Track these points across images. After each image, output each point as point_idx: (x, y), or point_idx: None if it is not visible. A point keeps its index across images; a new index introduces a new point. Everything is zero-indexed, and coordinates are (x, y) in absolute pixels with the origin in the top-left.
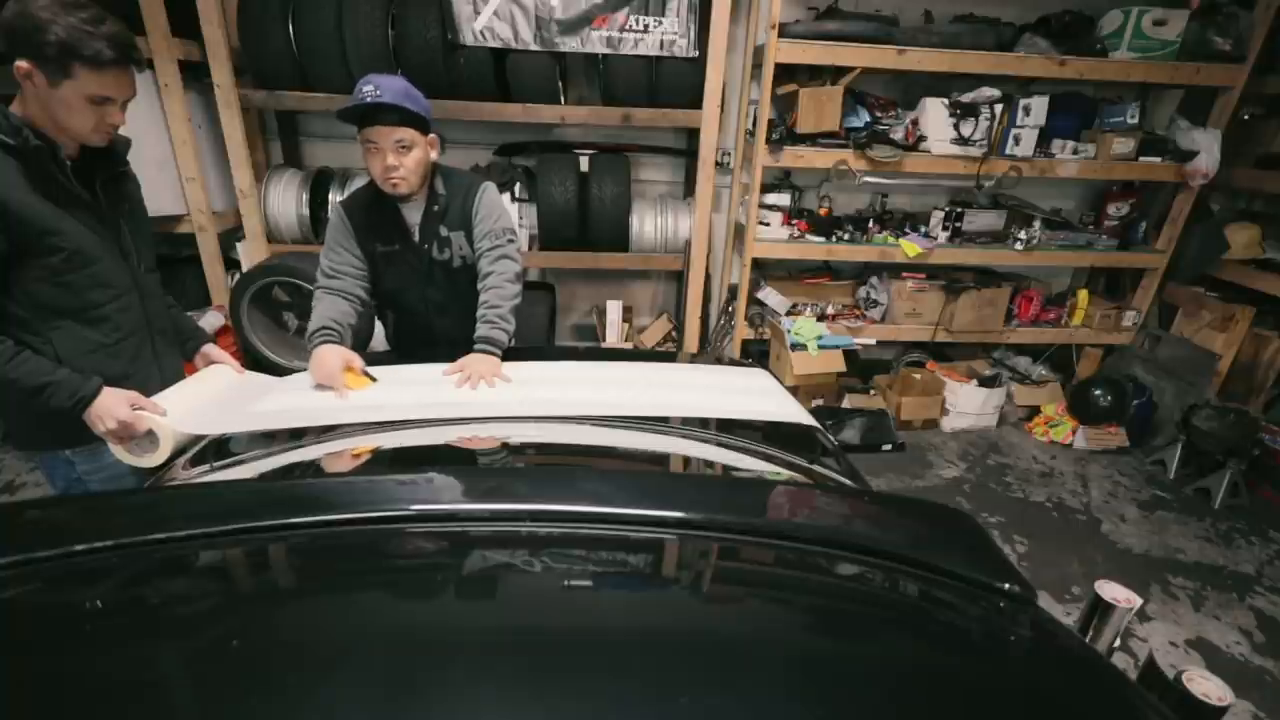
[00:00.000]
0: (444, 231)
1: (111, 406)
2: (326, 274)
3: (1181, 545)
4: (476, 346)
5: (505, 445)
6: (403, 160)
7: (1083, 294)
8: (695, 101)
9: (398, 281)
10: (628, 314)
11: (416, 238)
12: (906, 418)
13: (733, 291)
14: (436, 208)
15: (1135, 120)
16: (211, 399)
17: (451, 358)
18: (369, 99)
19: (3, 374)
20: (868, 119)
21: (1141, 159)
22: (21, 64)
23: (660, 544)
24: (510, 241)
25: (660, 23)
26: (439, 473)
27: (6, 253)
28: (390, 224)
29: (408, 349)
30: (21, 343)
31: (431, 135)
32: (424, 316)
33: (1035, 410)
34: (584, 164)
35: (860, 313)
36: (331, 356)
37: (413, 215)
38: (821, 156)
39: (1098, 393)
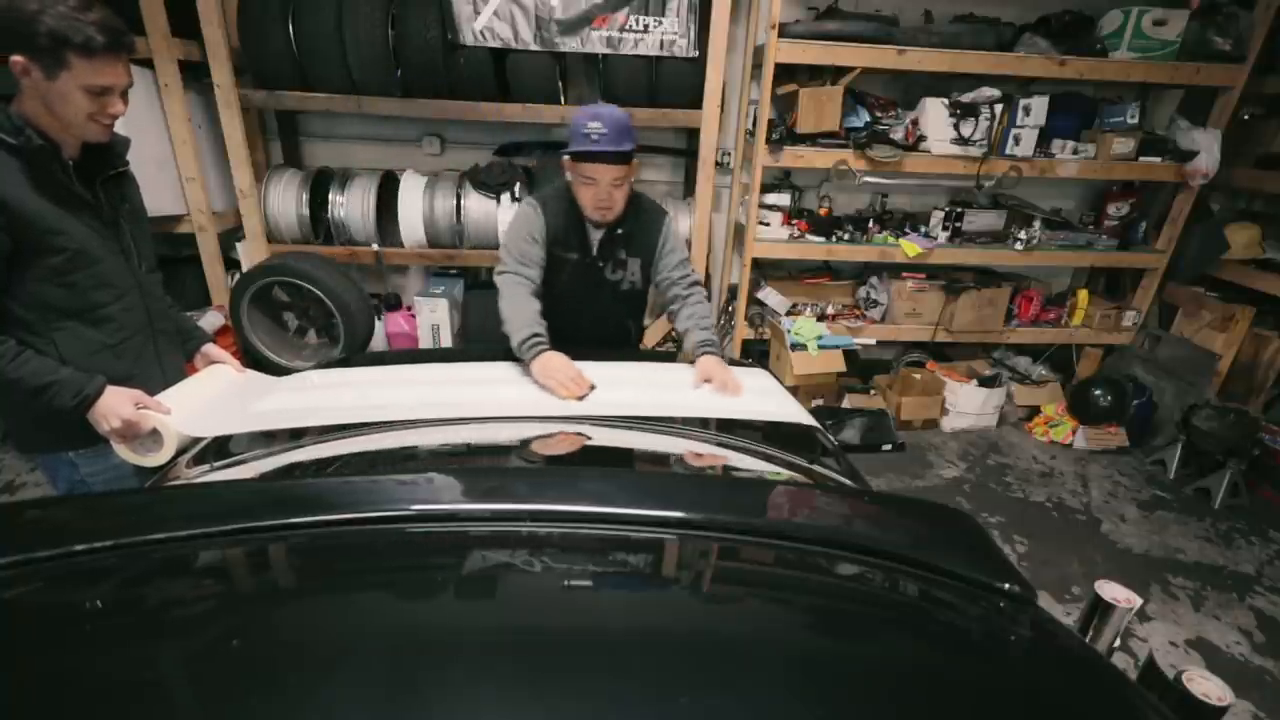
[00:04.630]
0: (622, 254)
1: (115, 405)
2: (519, 260)
3: (1181, 545)
4: (707, 349)
5: (505, 445)
6: (615, 194)
7: (1083, 294)
8: (695, 101)
9: (565, 288)
10: None
11: (594, 252)
12: (906, 418)
13: (733, 291)
14: (621, 231)
15: (1135, 120)
16: (213, 399)
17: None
18: (594, 136)
19: (5, 374)
20: (868, 119)
21: (1141, 159)
22: (17, 59)
23: (660, 544)
24: (693, 269)
25: (660, 23)
26: (439, 473)
27: (10, 252)
28: (576, 234)
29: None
30: (24, 344)
31: (635, 160)
32: (572, 323)
33: (1035, 410)
34: None
35: (860, 313)
36: (565, 362)
37: (596, 231)
38: (821, 156)
39: (1098, 393)
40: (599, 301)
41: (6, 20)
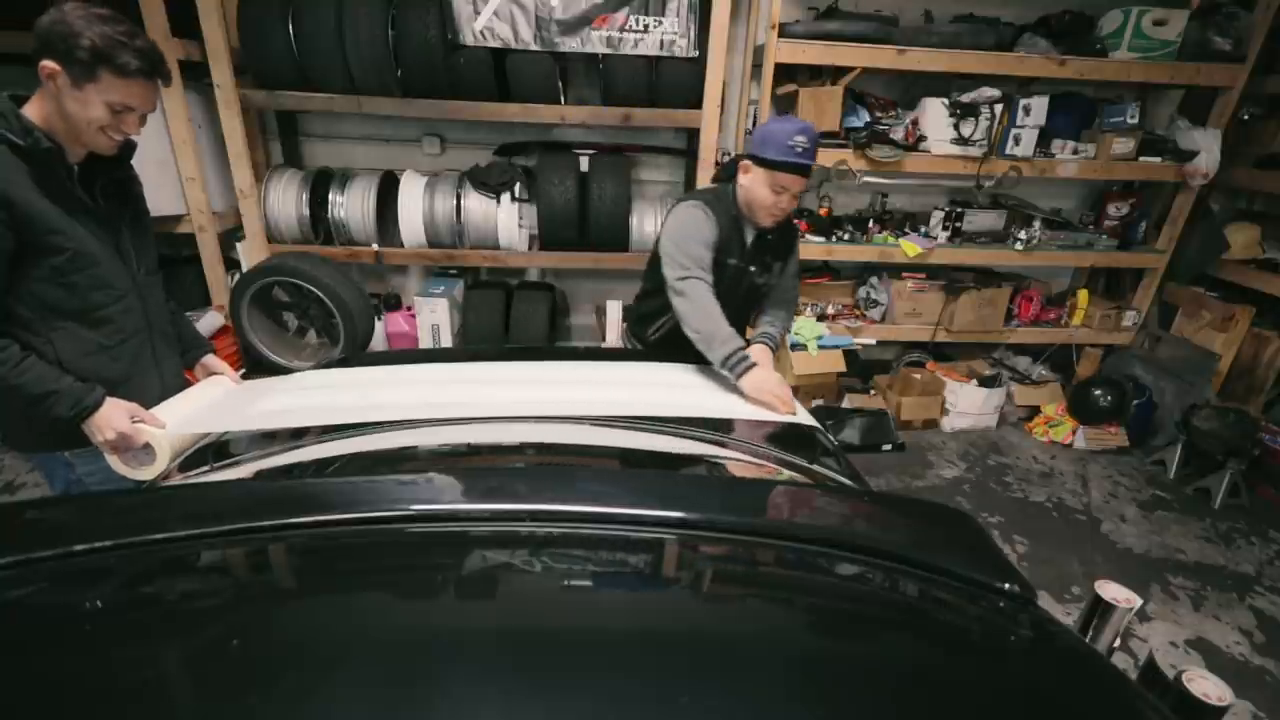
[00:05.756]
0: (769, 259)
1: (111, 417)
2: (698, 264)
3: (1181, 545)
4: (762, 340)
5: (505, 445)
6: (791, 204)
7: (1083, 294)
8: (695, 101)
9: (719, 291)
10: (628, 314)
11: (748, 256)
12: (906, 418)
13: None
14: (770, 237)
15: (1135, 120)
16: (209, 406)
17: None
18: (799, 149)
19: (6, 380)
20: (868, 119)
21: (1141, 159)
22: (48, 64)
23: (660, 544)
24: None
25: (660, 23)
26: (439, 473)
27: (12, 250)
28: (736, 240)
29: (672, 348)
30: (23, 344)
31: None
32: None
33: (1035, 410)
34: (584, 164)
35: (860, 313)
36: (778, 379)
37: (749, 234)
38: (821, 156)
39: (1098, 393)
40: (743, 303)
41: (53, 31)
